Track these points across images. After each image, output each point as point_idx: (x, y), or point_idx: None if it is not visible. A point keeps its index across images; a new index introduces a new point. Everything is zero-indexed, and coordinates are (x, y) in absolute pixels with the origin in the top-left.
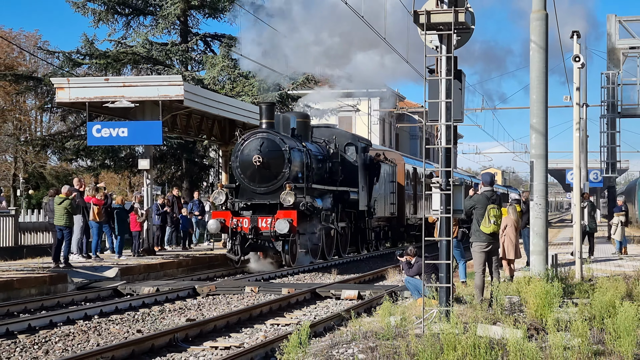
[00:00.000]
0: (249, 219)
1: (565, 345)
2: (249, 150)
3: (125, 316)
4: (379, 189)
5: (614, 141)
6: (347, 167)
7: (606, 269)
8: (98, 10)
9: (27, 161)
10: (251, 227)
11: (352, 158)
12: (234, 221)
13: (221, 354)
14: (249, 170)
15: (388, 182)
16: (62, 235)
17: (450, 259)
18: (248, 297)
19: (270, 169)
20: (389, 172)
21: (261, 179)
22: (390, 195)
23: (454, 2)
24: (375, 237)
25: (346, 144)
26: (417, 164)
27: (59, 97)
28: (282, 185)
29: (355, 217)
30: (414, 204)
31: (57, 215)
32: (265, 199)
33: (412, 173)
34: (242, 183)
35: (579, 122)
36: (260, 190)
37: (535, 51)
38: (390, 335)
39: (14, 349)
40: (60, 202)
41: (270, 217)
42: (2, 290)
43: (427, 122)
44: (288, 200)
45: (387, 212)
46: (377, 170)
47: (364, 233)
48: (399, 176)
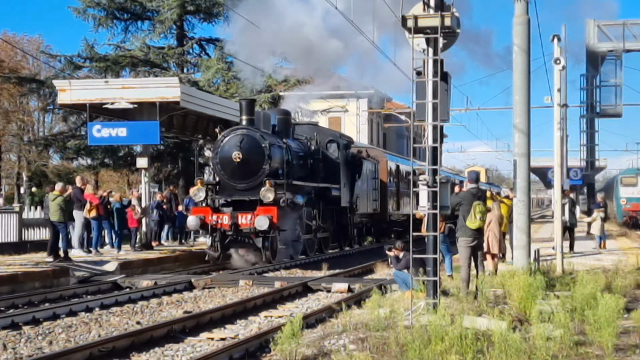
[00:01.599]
0: (229, 215)
1: (548, 336)
2: (229, 147)
3: (125, 308)
4: (361, 185)
5: (593, 140)
6: (329, 163)
7: (586, 263)
8: (98, 15)
9: (30, 160)
10: (231, 224)
11: (334, 155)
12: (213, 218)
13: (217, 345)
14: (229, 166)
15: (371, 178)
16: (58, 230)
17: (437, 254)
18: (242, 290)
19: (250, 165)
20: (372, 169)
21: (241, 176)
22: (372, 192)
23: (440, 7)
24: (358, 233)
25: (328, 141)
26: (399, 161)
27: (60, 98)
28: (262, 181)
29: (338, 214)
30: (397, 200)
31: (52, 211)
32: (245, 195)
33: (394, 170)
34: (222, 179)
35: (560, 122)
36: (241, 187)
37: (517, 54)
38: (379, 326)
39: (19, 339)
40: (54, 198)
41: (250, 213)
42: (8, 284)
43: (414, 122)
44: (268, 196)
45: (370, 209)
46: (359, 167)
47: (346, 229)
48: (382, 173)
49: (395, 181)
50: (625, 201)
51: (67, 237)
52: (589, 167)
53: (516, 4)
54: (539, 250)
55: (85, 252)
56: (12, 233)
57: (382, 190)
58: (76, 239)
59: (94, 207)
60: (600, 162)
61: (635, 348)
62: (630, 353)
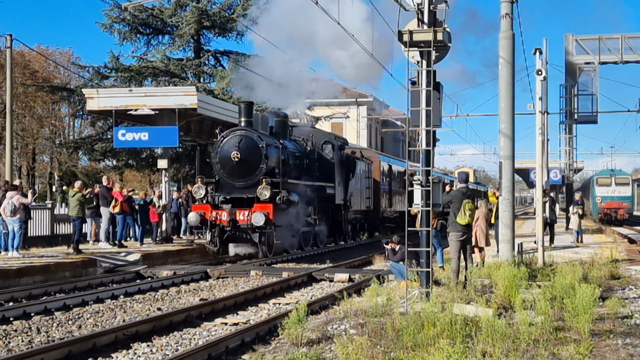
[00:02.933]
0: (228, 211)
1: (530, 322)
2: (228, 147)
3: (147, 296)
4: (355, 184)
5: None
6: (324, 163)
7: (565, 256)
8: (123, 30)
9: (61, 161)
10: (229, 220)
11: (328, 155)
12: (213, 214)
13: (230, 329)
14: (228, 165)
15: (364, 178)
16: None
17: (430, 247)
18: (253, 279)
19: (248, 165)
20: (365, 168)
21: (239, 174)
22: (366, 190)
23: (433, 23)
24: (352, 229)
25: (323, 142)
26: (392, 162)
27: (89, 105)
28: (259, 180)
29: (332, 211)
30: (389, 198)
31: (71, 206)
32: (243, 193)
33: (387, 170)
34: (221, 178)
35: (541, 128)
36: (239, 185)
37: (503, 66)
38: (377, 313)
39: (52, 324)
40: (73, 194)
41: (247, 210)
42: (41, 273)
43: (409, 127)
44: (264, 194)
45: (363, 206)
46: (352, 167)
47: (340, 225)
48: (375, 173)
49: (387, 180)
50: (601, 199)
51: (80, 231)
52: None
53: (502, 20)
54: (522, 244)
55: (111, 244)
56: (45, 227)
57: (375, 188)
58: (103, 232)
59: (118, 203)
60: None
61: (610, 333)
62: (605, 337)
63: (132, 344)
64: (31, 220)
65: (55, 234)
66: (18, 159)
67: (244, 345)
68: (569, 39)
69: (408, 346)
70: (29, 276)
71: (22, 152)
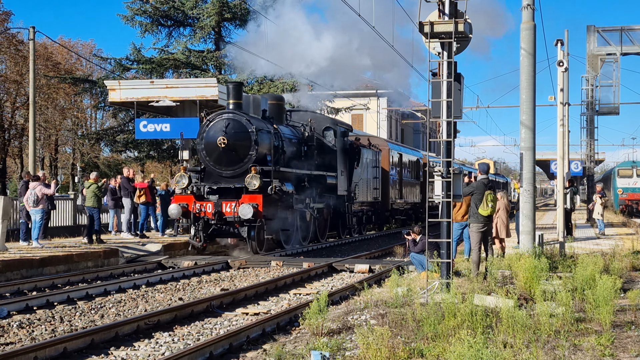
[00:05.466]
0: (213, 203)
1: (551, 313)
2: (214, 132)
3: (168, 286)
4: (360, 173)
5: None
6: (325, 151)
7: (586, 247)
8: (144, 22)
9: (83, 152)
10: (215, 212)
11: (330, 142)
12: (197, 206)
13: (251, 319)
14: (215, 152)
15: (371, 167)
16: (93, 215)
17: (451, 238)
18: (274, 270)
19: (236, 151)
20: (373, 157)
21: (227, 162)
22: (373, 180)
23: (454, 14)
24: (358, 222)
25: (324, 127)
26: (403, 151)
27: (111, 97)
28: (248, 168)
29: (335, 202)
30: (399, 189)
31: (87, 197)
32: (230, 182)
33: (397, 159)
34: (207, 166)
35: (562, 119)
36: (226, 174)
37: (524, 57)
38: (398, 303)
39: (74, 313)
40: (88, 186)
41: (235, 201)
42: (64, 263)
43: (430, 118)
44: (253, 183)
45: (370, 197)
46: (357, 155)
47: (344, 218)
48: (384, 161)
49: (398, 170)
50: (622, 191)
51: (99, 221)
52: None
53: (523, 11)
54: (543, 235)
55: (132, 235)
56: (67, 217)
57: (383, 179)
58: (125, 223)
59: (144, 192)
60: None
61: (631, 324)
62: (626, 329)
63: (153, 333)
64: (54, 211)
65: (78, 224)
66: (41, 150)
67: (265, 335)
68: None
69: (428, 337)
70: (52, 266)
71: (45, 144)
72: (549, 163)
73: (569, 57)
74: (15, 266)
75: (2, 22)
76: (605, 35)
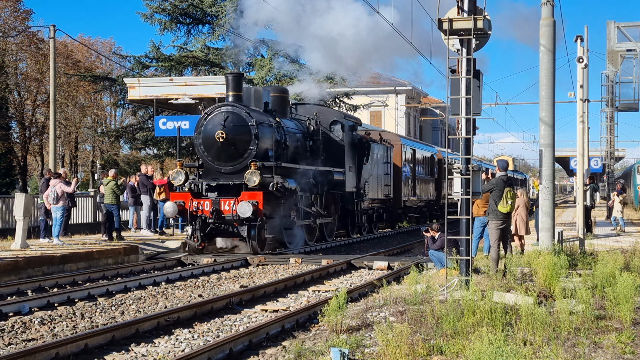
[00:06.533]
0: (211, 201)
1: (570, 311)
2: (212, 126)
3: (188, 283)
4: (370, 169)
5: (612, 132)
6: (332, 146)
7: (606, 244)
8: (163, 20)
9: (103, 150)
10: (212, 210)
11: (337, 136)
12: (194, 204)
13: (270, 316)
14: (213, 147)
15: (382, 163)
16: (111, 212)
17: (470, 235)
18: (292, 267)
19: (235, 146)
20: (384, 153)
21: (226, 157)
22: (384, 177)
23: (473, 10)
24: (368, 220)
25: (331, 121)
26: (416, 146)
27: (130, 94)
28: (248, 164)
29: (343, 200)
30: (412, 186)
31: (106, 194)
32: (229, 179)
33: (410, 155)
34: (205, 162)
35: (582, 116)
36: (225, 170)
37: (544, 53)
38: (417, 301)
39: (95, 310)
40: (107, 183)
41: (234, 199)
42: (84, 260)
43: (449, 115)
44: (253, 180)
45: (381, 194)
46: (366, 150)
47: (353, 216)
48: (396, 157)
49: (411, 166)
50: None
51: (119, 218)
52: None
53: (543, 7)
54: (562, 233)
55: (152, 232)
56: (87, 215)
57: (395, 175)
58: (144, 220)
59: (162, 190)
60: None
61: None
62: None
63: (173, 330)
64: (74, 208)
65: (98, 221)
66: (61, 147)
67: (284, 332)
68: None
69: (448, 334)
70: (73, 263)
71: (65, 141)
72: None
73: (588, 53)
74: (36, 263)
75: (22, 20)
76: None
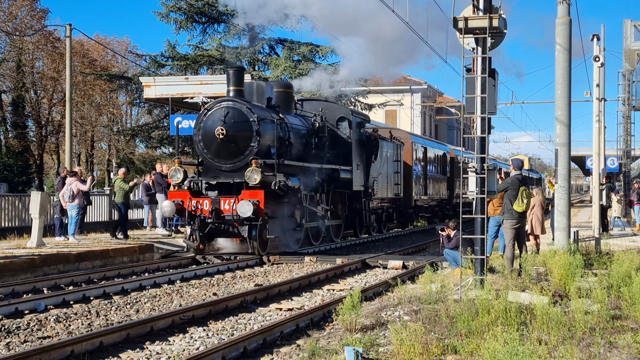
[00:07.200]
0: (210, 200)
1: (586, 310)
2: (212, 122)
3: (203, 281)
4: (379, 168)
5: (629, 131)
6: (339, 143)
7: (622, 244)
8: (179, 19)
9: (119, 148)
10: (212, 210)
11: (345, 134)
12: (192, 203)
13: (285, 314)
14: (213, 144)
15: (392, 161)
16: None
17: (485, 234)
18: (307, 265)
19: (236, 143)
20: (394, 151)
21: (226, 155)
22: (394, 175)
23: (489, 9)
24: (378, 220)
25: (338, 118)
26: (428, 144)
27: (146, 93)
28: (249, 161)
29: (350, 199)
30: (424, 185)
31: (116, 193)
32: (230, 177)
33: (422, 153)
34: (205, 159)
35: (598, 115)
36: (226, 168)
37: (560, 52)
38: (431, 300)
39: (110, 307)
40: (114, 181)
41: (234, 197)
42: (100, 258)
43: (464, 114)
44: (254, 178)
45: (391, 193)
46: (374, 148)
47: (361, 216)
48: (406, 155)
49: (422, 165)
50: None
51: (126, 216)
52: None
53: (559, 6)
54: (578, 232)
55: (167, 230)
56: (103, 213)
57: (405, 173)
58: (159, 219)
59: None
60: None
61: None
62: None
63: (188, 328)
64: (90, 206)
65: (113, 219)
66: (77, 146)
67: (299, 331)
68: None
69: (462, 333)
70: (88, 261)
71: (81, 140)
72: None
73: (605, 52)
74: (52, 261)
75: (39, 20)
76: None
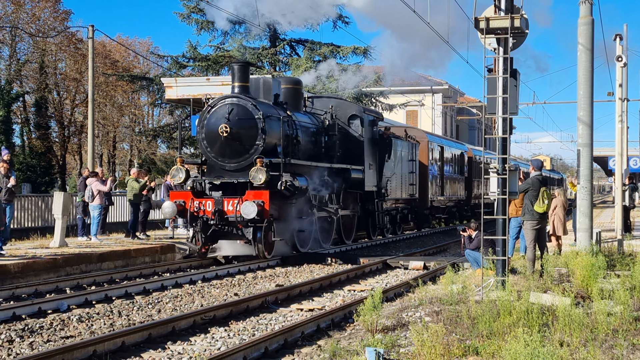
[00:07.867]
0: (213, 201)
1: (608, 312)
2: (216, 119)
3: (224, 281)
4: (393, 167)
5: None
6: (351, 142)
7: None
8: (200, 20)
9: (140, 149)
10: (215, 211)
11: (356, 132)
12: (195, 203)
13: (306, 315)
14: (216, 142)
15: (406, 160)
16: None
17: (507, 235)
18: (328, 266)
19: (240, 141)
20: (409, 150)
21: (230, 153)
22: (409, 175)
23: (510, 9)
24: (392, 221)
25: (350, 116)
26: (445, 143)
27: (167, 94)
28: (254, 160)
29: (362, 199)
30: (440, 185)
31: (128, 192)
32: (234, 177)
33: (438, 153)
34: (208, 158)
35: (621, 115)
36: (230, 167)
37: (582, 52)
38: (453, 301)
39: (132, 307)
40: (126, 181)
41: (238, 198)
42: (122, 258)
43: (486, 115)
44: (259, 178)
45: (406, 194)
46: (387, 147)
47: (374, 217)
48: (422, 155)
49: (439, 165)
50: None
51: (137, 216)
52: None
53: (581, 5)
54: (600, 233)
55: (188, 231)
56: (124, 213)
57: (421, 174)
58: (181, 219)
59: None
60: None
61: None
62: None
63: (209, 328)
64: (112, 207)
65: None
66: (99, 146)
67: (320, 331)
68: None
69: (484, 334)
70: (110, 261)
71: (103, 140)
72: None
73: (628, 52)
74: (74, 261)
75: (62, 21)
76: None
